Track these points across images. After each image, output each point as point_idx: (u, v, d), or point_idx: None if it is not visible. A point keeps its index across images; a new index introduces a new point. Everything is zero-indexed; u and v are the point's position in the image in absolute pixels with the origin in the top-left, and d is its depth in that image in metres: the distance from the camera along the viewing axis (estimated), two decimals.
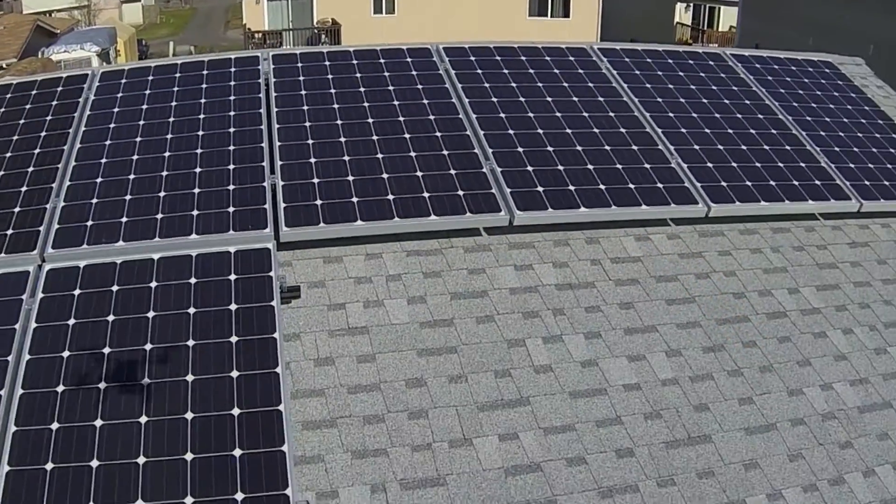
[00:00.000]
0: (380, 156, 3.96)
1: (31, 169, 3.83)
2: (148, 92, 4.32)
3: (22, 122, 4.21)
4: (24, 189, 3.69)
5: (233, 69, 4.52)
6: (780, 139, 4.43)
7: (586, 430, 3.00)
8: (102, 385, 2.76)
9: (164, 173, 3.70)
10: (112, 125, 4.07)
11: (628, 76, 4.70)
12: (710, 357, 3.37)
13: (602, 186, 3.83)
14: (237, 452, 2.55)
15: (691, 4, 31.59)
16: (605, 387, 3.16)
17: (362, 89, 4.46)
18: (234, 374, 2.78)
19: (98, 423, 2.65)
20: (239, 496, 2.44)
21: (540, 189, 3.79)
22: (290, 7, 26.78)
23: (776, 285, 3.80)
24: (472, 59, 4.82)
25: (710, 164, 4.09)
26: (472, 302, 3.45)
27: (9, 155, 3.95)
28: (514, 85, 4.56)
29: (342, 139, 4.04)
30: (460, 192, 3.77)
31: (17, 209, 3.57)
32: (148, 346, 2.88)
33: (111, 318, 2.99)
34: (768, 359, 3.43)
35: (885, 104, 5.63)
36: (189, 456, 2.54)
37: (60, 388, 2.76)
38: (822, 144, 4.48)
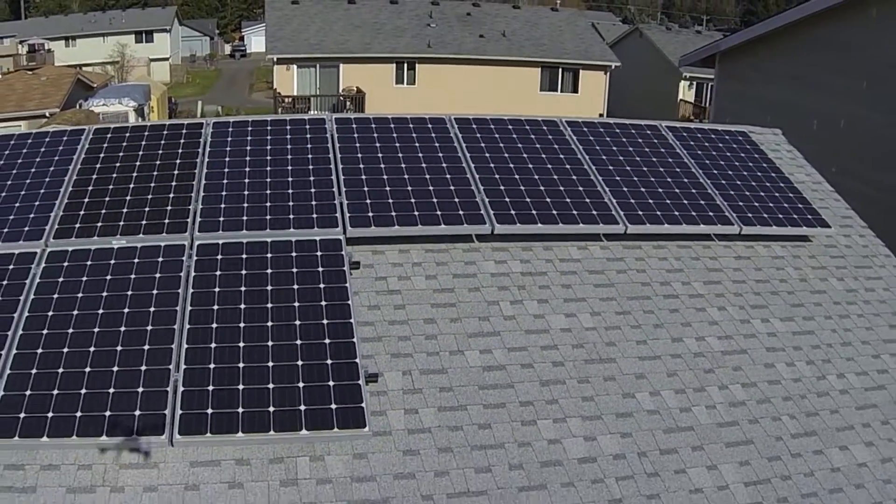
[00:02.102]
0: (409, 188, 6.01)
1: (174, 183, 5.90)
2: (249, 138, 6.44)
3: (160, 152, 6.29)
4: (171, 196, 5.76)
5: (307, 126, 6.64)
6: (689, 185, 6.48)
7: (535, 350, 4.95)
8: (243, 306, 4.76)
9: (268, 192, 5.77)
10: (227, 158, 6.17)
11: (584, 140, 6.80)
12: (620, 317, 5.34)
13: (554, 211, 5.88)
14: (327, 341, 4.53)
15: (694, 82, 34.37)
16: (547, 329, 5.13)
17: (397, 144, 6.55)
18: (323, 303, 4.78)
19: (241, 324, 4.63)
20: (329, 362, 4.40)
21: (513, 212, 5.83)
22: (318, 75, 29.65)
23: (674, 279, 5.78)
24: (474, 126, 6.92)
25: (632, 200, 6.13)
26: (466, 279, 5.45)
27: (156, 173, 6.03)
28: (501, 145, 6.64)
29: (385, 176, 6.11)
30: (461, 212, 5.81)
31: (169, 208, 5.63)
32: (269, 288, 4.89)
33: (244, 272, 5.02)
34: (661, 320, 5.39)
35: (790, 163, 7.72)
36: (299, 342, 4.52)
37: (216, 307, 4.76)
38: (720, 188, 6.52)
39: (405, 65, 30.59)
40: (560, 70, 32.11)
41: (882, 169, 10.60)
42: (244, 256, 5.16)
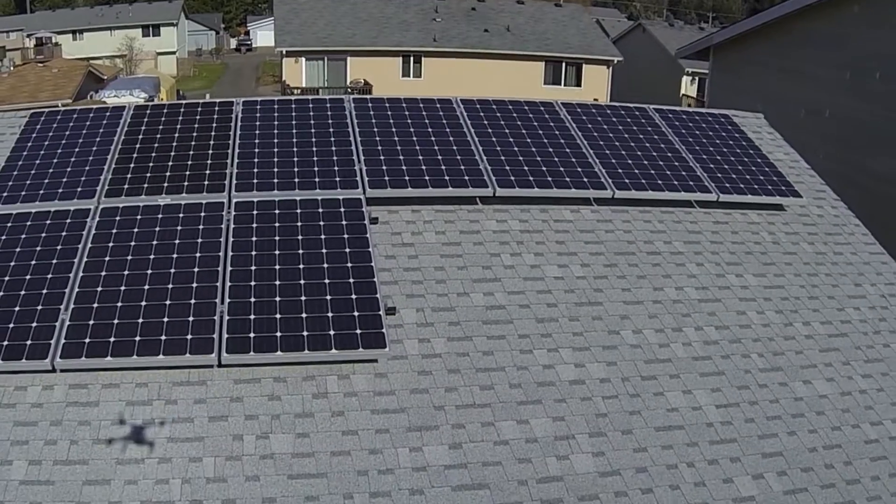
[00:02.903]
0: (420, 157, 6.74)
1: (210, 151, 6.63)
2: (276, 114, 7.18)
3: (196, 126, 7.04)
4: (209, 161, 6.49)
5: (328, 105, 7.37)
6: (672, 158, 7.20)
7: (532, 294, 5.69)
8: (277, 252, 5.49)
9: (295, 159, 6.51)
10: (257, 131, 6.91)
11: (577, 119, 7.53)
12: (608, 269, 6.08)
13: (549, 178, 6.61)
14: (351, 280, 5.26)
15: (696, 77, 35.05)
16: (543, 277, 5.86)
17: (409, 120, 7.28)
18: (347, 250, 5.52)
19: (277, 267, 5.37)
20: (354, 296, 5.14)
21: (512, 177, 6.57)
22: (326, 67, 30.42)
23: (657, 239, 6.51)
24: (478, 106, 7.66)
25: (620, 170, 6.87)
26: (471, 235, 6.18)
27: (193, 143, 6.77)
28: (502, 122, 7.38)
29: (398, 147, 6.84)
30: (466, 177, 6.54)
31: (207, 171, 6.37)
32: (299, 237, 5.63)
33: (276, 224, 5.75)
34: (644, 272, 6.12)
35: (770, 144, 8.44)
36: (327, 280, 5.26)
37: (254, 253, 5.49)
38: (701, 162, 7.25)
39: (411, 58, 31.38)
40: (563, 64, 32.87)
41: (865, 154, 11.30)
42: (276, 212, 5.90)
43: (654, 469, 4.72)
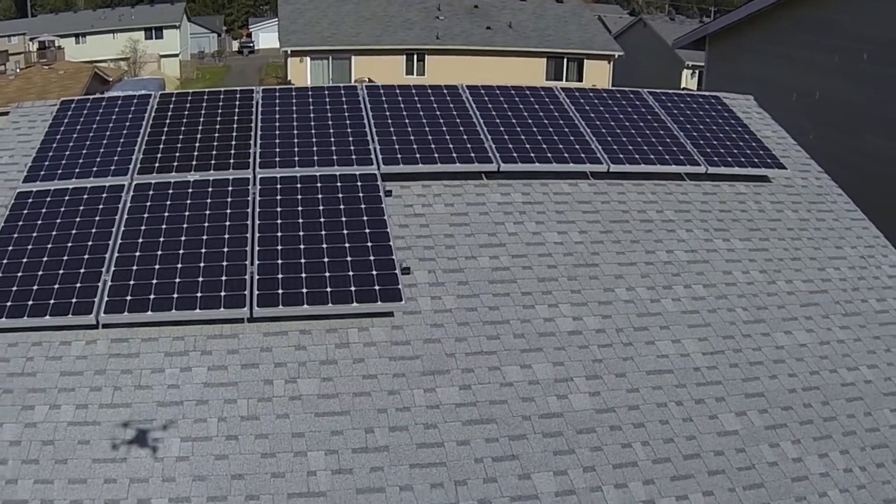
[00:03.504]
0: (429, 136, 7.30)
1: (234, 133, 7.20)
2: (294, 100, 7.74)
3: (219, 111, 7.60)
4: (233, 142, 7.06)
5: (342, 92, 7.93)
6: (664, 135, 7.75)
7: (533, 256, 6.24)
8: (301, 220, 6.05)
9: (314, 140, 7.07)
10: (277, 115, 7.47)
11: (576, 102, 8.09)
12: (604, 235, 6.62)
13: (549, 154, 7.16)
14: (369, 244, 5.82)
15: (697, 71, 35.57)
16: (544, 242, 6.42)
17: (418, 105, 7.84)
18: (365, 218, 6.08)
19: (301, 233, 5.93)
20: (372, 258, 5.69)
21: (514, 154, 7.12)
22: (330, 67, 31.04)
23: (649, 208, 7.05)
24: (482, 91, 8.21)
25: (615, 146, 7.42)
26: (477, 206, 6.74)
27: (218, 126, 7.33)
28: (505, 105, 7.93)
29: (409, 128, 7.39)
30: (472, 154, 7.09)
31: (232, 150, 6.93)
32: (321, 208, 6.19)
33: (299, 196, 6.31)
34: (637, 237, 6.67)
35: (758, 122, 8.98)
36: (347, 244, 5.81)
37: (279, 221, 6.05)
38: (691, 138, 7.79)
39: (415, 56, 32.02)
40: (565, 60, 33.43)
41: (854, 134, 11.83)
42: (298, 186, 6.47)
43: (645, 407, 5.27)
